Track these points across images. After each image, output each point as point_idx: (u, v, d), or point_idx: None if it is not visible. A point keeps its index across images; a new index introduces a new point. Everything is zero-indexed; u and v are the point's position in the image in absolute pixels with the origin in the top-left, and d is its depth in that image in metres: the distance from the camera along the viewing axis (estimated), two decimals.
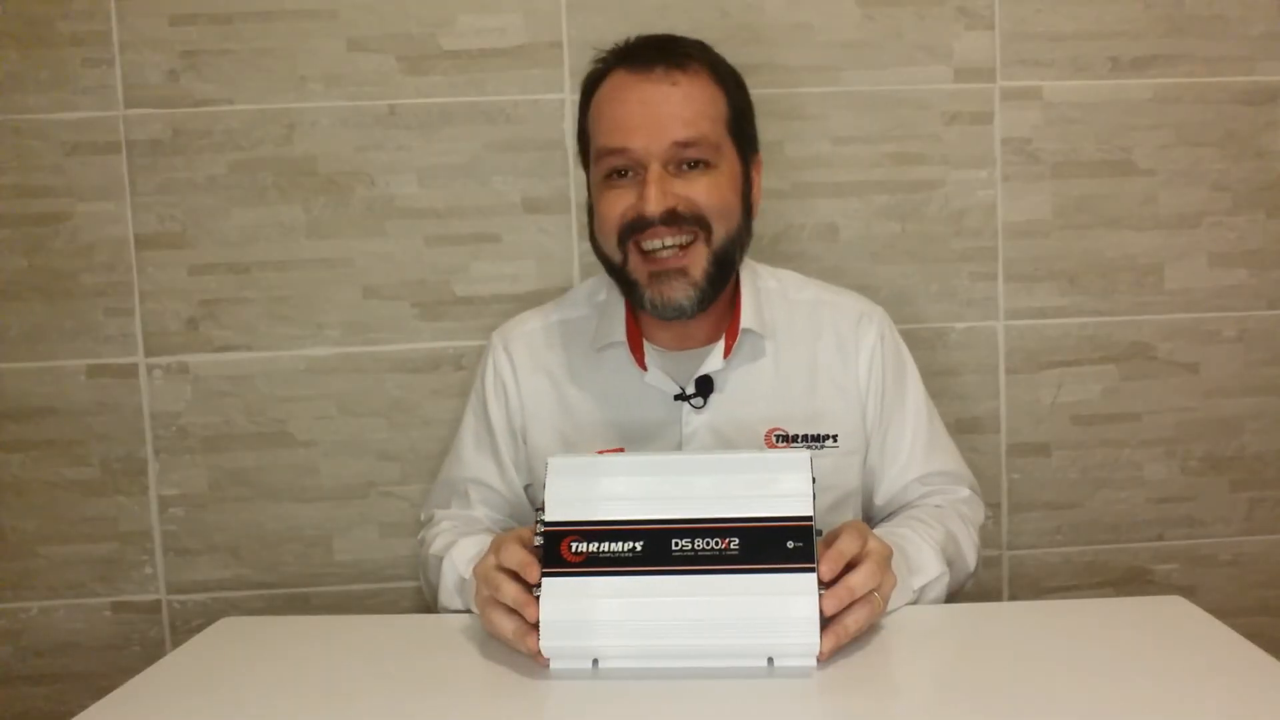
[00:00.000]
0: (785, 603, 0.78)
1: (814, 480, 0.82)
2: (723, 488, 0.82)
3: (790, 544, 0.79)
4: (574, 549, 0.81)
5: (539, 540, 0.82)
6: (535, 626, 0.80)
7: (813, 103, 1.38)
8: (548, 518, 0.82)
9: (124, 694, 0.82)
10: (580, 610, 0.79)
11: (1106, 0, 1.39)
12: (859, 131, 1.39)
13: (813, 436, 1.11)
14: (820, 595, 0.79)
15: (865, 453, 1.14)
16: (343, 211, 1.37)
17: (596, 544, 0.81)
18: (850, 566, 0.83)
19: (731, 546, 0.80)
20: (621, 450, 1.10)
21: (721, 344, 1.10)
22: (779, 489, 0.81)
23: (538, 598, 0.80)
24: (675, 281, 1.03)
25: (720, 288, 1.07)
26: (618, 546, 0.81)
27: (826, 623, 0.80)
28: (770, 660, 0.80)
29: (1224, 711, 0.72)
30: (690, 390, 1.09)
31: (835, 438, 1.11)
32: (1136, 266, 1.42)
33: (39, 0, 1.33)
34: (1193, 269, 1.43)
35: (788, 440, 1.10)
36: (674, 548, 0.80)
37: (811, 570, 0.79)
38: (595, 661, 0.81)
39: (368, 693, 0.80)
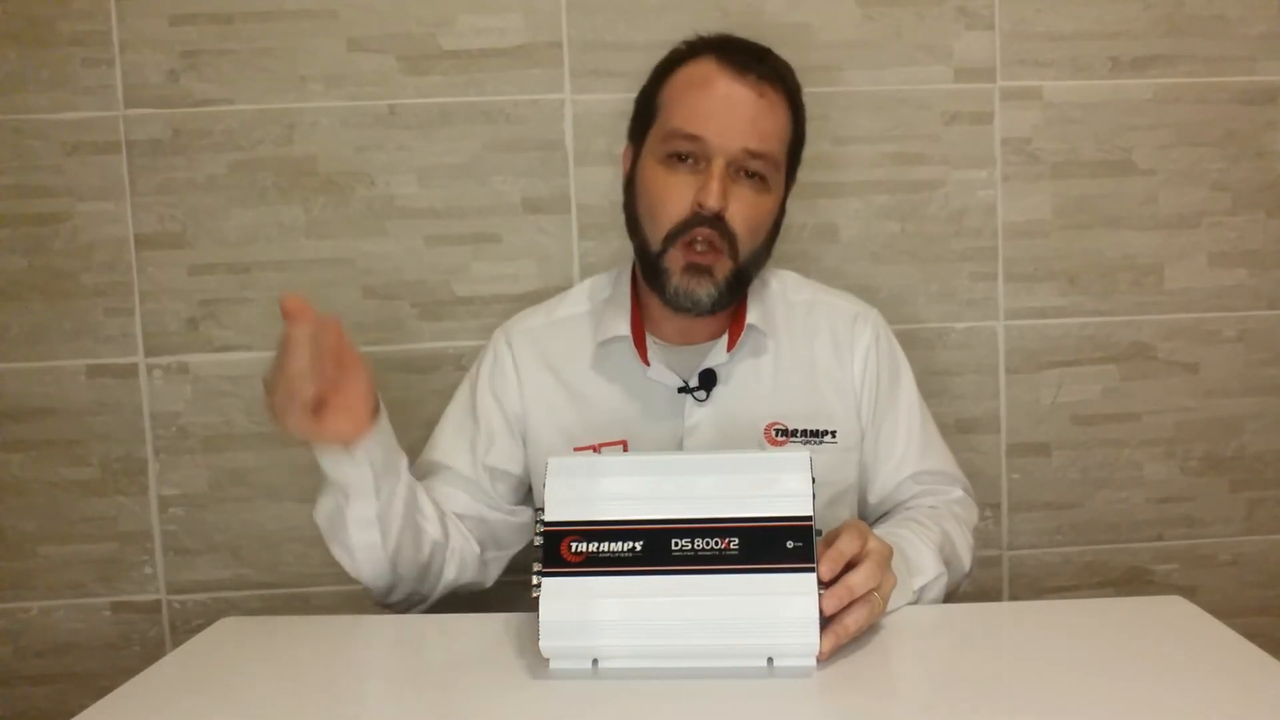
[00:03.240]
0: (785, 603, 0.78)
1: (814, 480, 0.82)
2: (722, 487, 0.82)
3: (790, 544, 0.79)
4: (574, 549, 0.81)
5: (539, 540, 0.82)
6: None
7: (812, 103, 1.36)
8: (547, 518, 0.82)
9: (124, 694, 0.82)
10: (580, 610, 0.79)
11: (1106, 0, 1.39)
12: (859, 131, 1.39)
13: (812, 432, 1.11)
14: (820, 595, 0.79)
15: (861, 450, 1.15)
16: (343, 211, 1.37)
17: (596, 544, 0.81)
18: (850, 566, 0.83)
19: (731, 546, 0.80)
20: (624, 443, 1.10)
21: (725, 338, 1.11)
22: (779, 489, 0.81)
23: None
24: (702, 278, 1.04)
25: (736, 295, 1.09)
26: (617, 546, 0.81)
27: (826, 622, 0.80)
28: (770, 660, 0.80)
29: (1224, 711, 0.72)
30: (694, 383, 1.10)
31: (834, 433, 1.12)
32: (1136, 266, 1.42)
33: (39, 0, 1.33)
34: (1193, 269, 1.43)
35: (787, 435, 1.11)
36: (674, 548, 0.80)
37: (811, 570, 0.79)
38: (595, 661, 0.81)
39: (368, 693, 0.80)
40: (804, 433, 1.11)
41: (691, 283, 1.04)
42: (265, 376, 0.88)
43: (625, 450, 1.10)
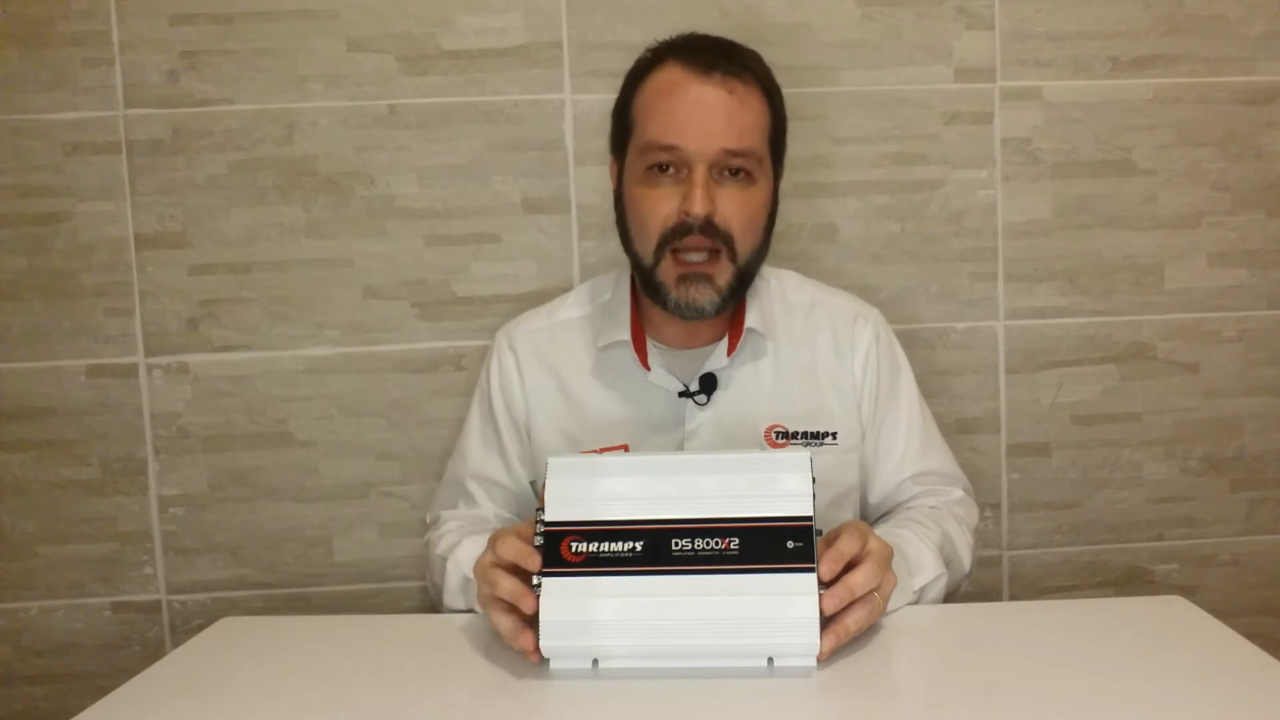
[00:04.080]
0: (785, 603, 0.78)
1: (814, 480, 0.82)
2: (723, 488, 0.82)
3: (790, 544, 0.79)
4: (574, 549, 0.81)
5: (539, 540, 0.82)
6: (532, 622, 0.80)
7: (813, 103, 1.38)
8: (547, 518, 0.82)
9: (124, 694, 0.82)
10: (580, 610, 0.79)
11: (1106, 0, 1.39)
12: (859, 131, 1.39)
13: (813, 434, 1.11)
14: (820, 595, 0.79)
15: (862, 450, 1.15)
16: (343, 211, 1.37)
17: (596, 544, 0.81)
18: (850, 566, 0.83)
19: (731, 546, 0.80)
20: (626, 447, 1.10)
21: (725, 342, 1.11)
22: (779, 489, 0.81)
23: (538, 593, 0.80)
24: (701, 285, 1.04)
25: (739, 295, 1.09)
26: (618, 546, 0.81)
27: (826, 622, 0.80)
28: (770, 660, 0.80)
29: (1224, 711, 0.72)
30: (694, 387, 1.09)
31: (835, 435, 1.12)
32: (1136, 266, 1.42)
33: (39, 0, 1.33)
34: (1193, 269, 1.43)
35: (788, 437, 1.11)
36: (674, 548, 0.80)
37: (811, 570, 0.79)
38: (595, 661, 0.81)
39: (368, 693, 0.80)
40: (804, 435, 1.11)
41: (691, 291, 1.04)
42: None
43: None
